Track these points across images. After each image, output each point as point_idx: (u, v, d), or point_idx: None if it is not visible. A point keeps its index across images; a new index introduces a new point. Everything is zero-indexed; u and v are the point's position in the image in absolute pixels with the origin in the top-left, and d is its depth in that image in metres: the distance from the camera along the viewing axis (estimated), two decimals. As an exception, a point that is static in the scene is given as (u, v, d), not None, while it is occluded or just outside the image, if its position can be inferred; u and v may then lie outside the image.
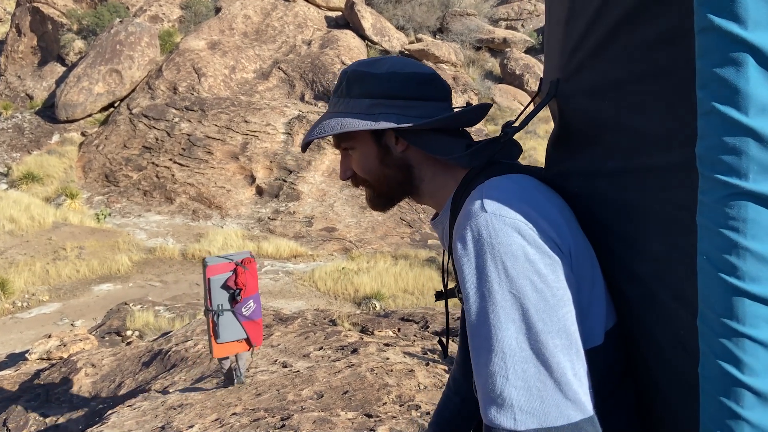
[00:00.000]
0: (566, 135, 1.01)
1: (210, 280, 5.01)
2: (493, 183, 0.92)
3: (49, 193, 18.83)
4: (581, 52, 0.88)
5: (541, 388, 0.78)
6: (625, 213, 0.84)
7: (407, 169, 1.05)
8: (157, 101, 21.90)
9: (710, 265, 0.58)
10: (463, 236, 0.86)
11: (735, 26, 0.53)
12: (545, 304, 0.80)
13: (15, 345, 10.31)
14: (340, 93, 1.06)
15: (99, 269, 14.06)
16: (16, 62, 25.95)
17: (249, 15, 25.46)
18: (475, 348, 0.84)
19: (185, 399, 5.04)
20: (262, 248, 15.71)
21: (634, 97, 0.77)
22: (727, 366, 0.58)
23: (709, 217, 0.58)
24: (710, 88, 0.56)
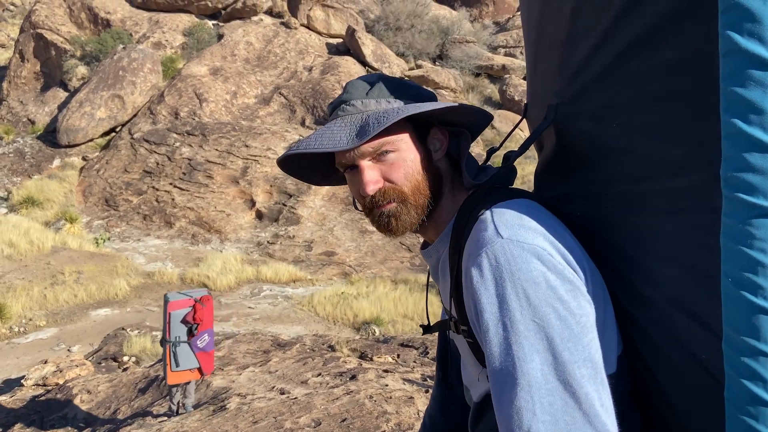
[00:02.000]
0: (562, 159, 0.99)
1: (170, 314, 5.51)
2: (503, 208, 0.88)
3: (48, 218, 18.82)
4: (584, 76, 0.87)
5: (569, 421, 0.74)
6: (634, 236, 0.82)
7: (439, 179, 0.99)
8: (158, 126, 22.04)
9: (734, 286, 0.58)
10: (479, 264, 0.82)
11: (761, 49, 0.53)
12: (570, 333, 0.77)
13: (11, 371, 10.20)
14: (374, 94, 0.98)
15: (97, 294, 13.98)
16: (19, 87, 26.18)
17: (251, 42, 25.77)
18: (497, 381, 0.79)
19: (181, 427, 4.97)
20: (261, 272, 15.65)
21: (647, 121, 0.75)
22: (753, 387, 0.57)
23: (734, 238, 0.57)
24: (735, 109, 0.55)
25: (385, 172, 0.95)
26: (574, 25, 0.88)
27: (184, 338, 5.53)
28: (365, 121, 0.93)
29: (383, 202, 0.95)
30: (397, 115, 0.90)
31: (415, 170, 0.96)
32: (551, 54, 0.98)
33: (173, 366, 5.46)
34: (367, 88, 0.99)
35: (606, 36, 0.79)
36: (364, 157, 0.95)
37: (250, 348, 8.05)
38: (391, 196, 0.95)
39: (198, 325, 5.53)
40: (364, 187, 0.95)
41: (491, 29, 33.64)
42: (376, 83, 1.00)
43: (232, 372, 6.87)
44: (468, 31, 31.04)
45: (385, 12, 29.56)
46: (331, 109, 1.02)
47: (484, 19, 34.80)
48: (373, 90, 0.98)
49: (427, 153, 0.98)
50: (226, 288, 14.79)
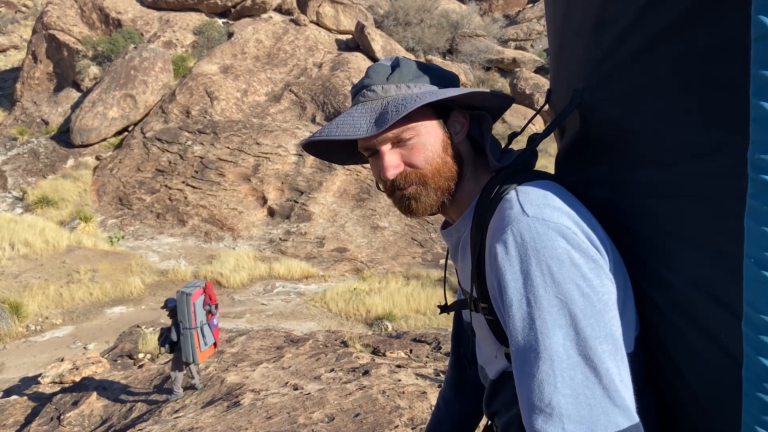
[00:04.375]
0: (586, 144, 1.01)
1: (194, 303, 6.27)
2: (528, 187, 0.89)
3: (63, 217, 19.01)
4: (613, 61, 0.88)
5: (590, 395, 0.76)
6: (657, 220, 0.83)
7: (460, 161, 1.01)
8: (170, 125, 22.16)
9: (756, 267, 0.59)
10: (505, 240, 0.84)
11: None
12: (592, 309, 0.79)
13: (28, 369, 10.33)
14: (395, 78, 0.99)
15: (112, 292, 14.12)
16: (32, 88, 26.43)
17: (261, 39, 25.81)
18: (518, 356, 0.81)
19: (195, 423, 5.01)
20: (273, 269, 15.72)
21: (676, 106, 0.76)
22: None
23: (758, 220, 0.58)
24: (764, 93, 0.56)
25: (406, 157, 0.97)
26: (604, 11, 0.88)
27: (205, 321, 6.38)
28: (384, 108, 0.94)
29: (404, 185, 0.98)
30: (415, 102, 0.91)
31: (436, 154, 0.97)
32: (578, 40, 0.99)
33: (202, 346, 6.26)
34: (388, 72, 1.00)
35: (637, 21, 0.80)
36: (385, 143, 0.97)
37: (263, 344, 8.09)
38: (411, 179, 0.98)
39: (216, 305, 6.49)
40: (385, 171, 0.97)
41: (501, 22, 33.45)
42: (397, 67, 1.00)
43: (245, 368, 6.90)
44: (478, 25, 30.89)
45: (394, 7, 29.49)
46: (354, 93, 1.03)
47: (493, 13, 34.61)
48: (394, 75, 0.99)
49: (447, 136, 1.00)
50: (239, 285, 14.86)
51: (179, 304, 6.30)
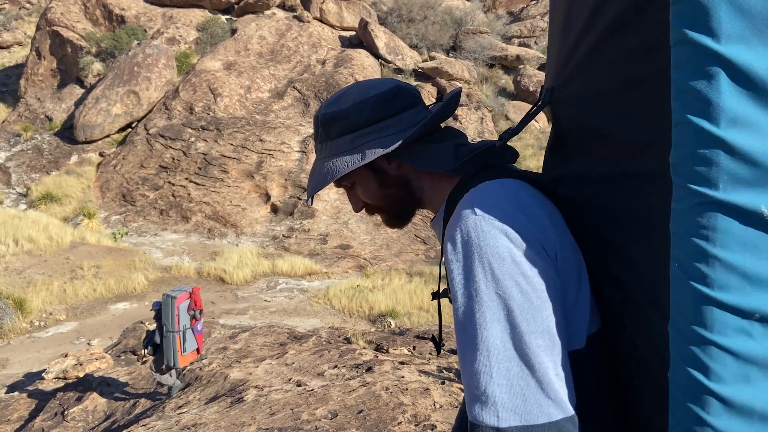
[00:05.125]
0: (560, 142, 1.04)
1: (179, 307, 6.35)
2: (484, 187, 0.95)
3: (67, 213, 19.05)
4: (573, 62, 0.92)
5: (524, 386, 0.80)
6: (609, 218, 0.86)
7: (407, 183, 1.09)
8: (173, 121, 22.17)
9: (682, 272, 0.59)
10: (453, 237, 0.89)
11: (709, 40, 0.54)
12: (530, 305, 0.82)
13: (32, 364, 10.37)
14: (320, 138, 1.10)
15: (115, 288, 14.15)
16: (36, 85, 26.47)
17: (264, 36, 25.80)
18: (461, 346, 0.86)
19: (199, 419, 5.02)
20: (276, 266, 15.73)
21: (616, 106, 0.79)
22: (695, 373, 0.59)
23: (682, 225, 0.59)
24: (684, 99, 0.57)
25: (360, 196, 1.12)
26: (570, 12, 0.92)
27: (189, 325, 6.40)
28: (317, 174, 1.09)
29: (370, 213, 1.15)
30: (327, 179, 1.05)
31: (375, 192, 1.09)
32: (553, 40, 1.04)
33: (183, 351, 6.28)
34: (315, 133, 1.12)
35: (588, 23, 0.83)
36: (341, 188, 1.13)
37: (266, 340, 8.09)
38: (372, 209, 1.13)
39: (201, 310, 6.48)
40: (352, 207, 1.15)
41: (505, 19, 33.36)
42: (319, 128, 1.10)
43: (249, 364, 6.91)
44: (481, 22, 30.81)
45: (397, 4, 29.42)
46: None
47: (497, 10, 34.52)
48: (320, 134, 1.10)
49: (379, 174, 1.09)
50: (242, 281, 14.88)
51: (164, 306, 6.44)
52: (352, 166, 1.03)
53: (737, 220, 0.55)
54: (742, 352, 0.57)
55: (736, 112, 0.54)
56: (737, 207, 0.55)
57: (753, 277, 0.56)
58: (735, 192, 0.55)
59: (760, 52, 0.53)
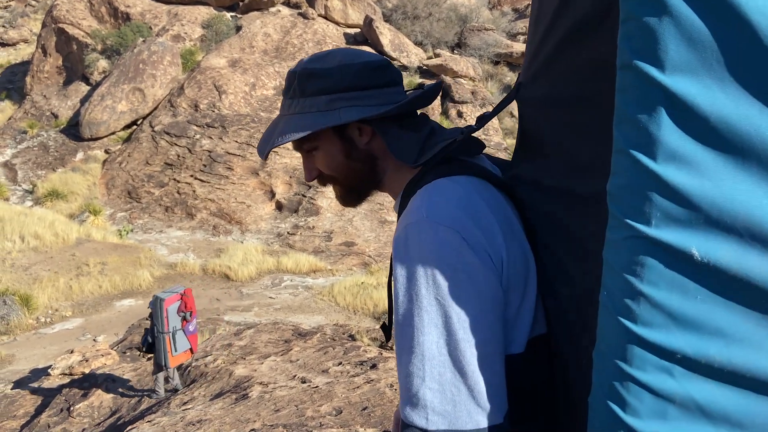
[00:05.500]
0: (522, 140, 1.01)
1: (167, 309, 6.55)
2: (436, 186, 0.91)
3: (72, 210, 19.12)
4: (537, 61, 0.87)
5: (455, 392, 0.80)
6: (555, 231, 0.84)
7: (373, 161, 1.04)
8: (178, 118, 22.21)
9: (609, 303, 0.57)
10: (400, 237, 0.88)
11: (654, 69, 0.50)
12: (468, 313, 0.82)
13: (38, 360, 10.42)
14: (292, 93, 1.03)
15: (121, 285, 14.20)
16: (42, 82, 26.55)
17: (269, 33, 25.80)
18: (398, 345, 0.86)
19: (204, 415, 5.03)
20: (281, 263, 15.75)
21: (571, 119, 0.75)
22: (612, 404, 0.58)
23: (613, 255, 0.57)
24: (624, 127, 0.54)
25: (317, 164, 1.04)
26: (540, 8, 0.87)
27: (179, 326, 6.56)
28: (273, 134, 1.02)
29: (323, 184, 1.08)
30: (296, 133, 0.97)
31: (338, 161, 1.03)
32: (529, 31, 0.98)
33: (173, 351, 6.47)
34: (288, 86, 1.04)
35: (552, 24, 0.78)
36: (299, 151, 1.05)
37: (271, 337, 8.11)
38: (325, 179, 1.06)
39: (190, 313, 6.63)
40: (305, 175, 1.07)
41: (510, 16, 33.26)
42: (294, 81, 1.03)
43: (254, 361, 6.93)
44: (486, 19, 30.73)
45: (402, 1, 29.37)
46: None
47: (502, 6, 34.41)
48: (292, 89, 1.03)
49: (347, 143, 1.02)
50: (247, 278, 14.91)
51: (153, 308, 6.69)
52: (326, 124, 0.97)
53: (666, 259, 0.53)
54: (661, 390, 0.55)
55: (675, 147, 0.51)
56: (667, 246, 0.53)
57: (678, 317, 0.54)
58: (667, 230, 0.52)
59: (707, 87, 0.49)
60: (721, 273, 0.52)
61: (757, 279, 0.51)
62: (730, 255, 0.51)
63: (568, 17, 0.71)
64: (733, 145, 0.49)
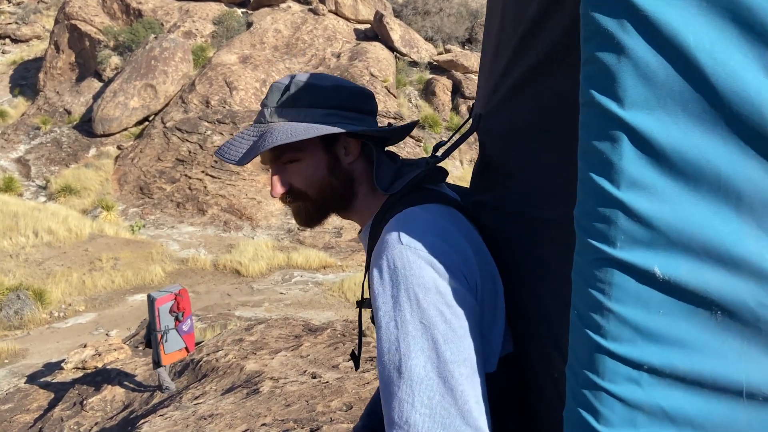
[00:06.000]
0: (483, 168, 1.05)
1: (159, 309, 6.70)
2: (409, 214, 0.94)
3: (85, 206, 19.28)
4: (499, 93, 0.91)
5: (445, 415, 0.81)
6: (521, 254, 0.88)
7: (350, 182, 1.06)
8: (190, 115, 22.31)
9: (579, 321, 0.62)
10: (380, 266, 0.88)
11: (614, 105, 0.55)
12: (453, 335, 0.83)
13: (52, 354, 10.53)
14: (284, 103, 1.03)
15: (133, 280, 14.31)
16: (55, 78, 26.75)
17: (279, 29, 25.84)
18: (383, 373, 0.86)
19: (215, 409, 5.07)
20: (291, 259, 15.81)
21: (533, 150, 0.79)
22: (586, 415, 0.62)
23: (581, 276, 0.61)
24: (588, 158, 0.58)
25: (289, 178, 1.03)
26: (499, 40, 0.91)
27: (172, 326, 6.71)
28: (260, 138, 1.00)
29: (288, 201, 1.05)
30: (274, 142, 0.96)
31: (318, 176, 1.03)
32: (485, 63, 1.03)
33: (166, 349, 6.63)
34: (278, 97, 1.04)
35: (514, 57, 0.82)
36: (271, 164, 1.03)
37: (281, 333, 8.15)
38: (294, 196, 1.05)
39: (182, 313, 6.76)
40: (271, 190, 1.05)
41: (521, 11, 33.11)
42: (287, 91, 1.04)
43: (264, 356, 6.97)
44: (498, 14, 30.57)
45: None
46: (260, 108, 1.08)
47: (514, 2, 34.25)
48: (282, 99, 1.03)
49: (333, 159, 1.04)
50: (257, 274, 14.98)
51: (148, 306, 6.84)
52: (327, 131, 0.98)
53: (631, 278, 0.57)
54: (631, 399, 0.60)
55: (635, 175, 0.55)
56: (632, 265, 0.57)
57: (644, 331, 0.58)
58: (631, 251, 0.57)
59: (662, 120, 0.54)
60: (680, 288, 0.57)
61: (712, 292, 0.56)
62: (688, 272, 0.56)
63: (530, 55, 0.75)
64: (686, 173, 0.55)
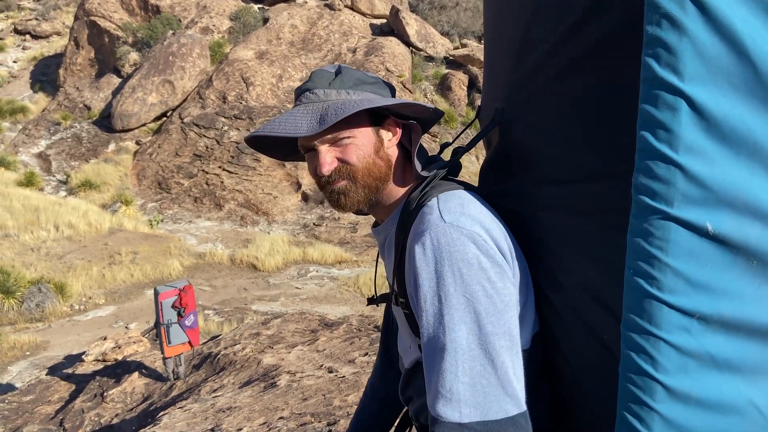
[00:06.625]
0: (503, 158, 1.12)
1: (162, 302, 6.93)
2: (449, 195, 1.00)
3: (105, 200, 19.52)
4: (529, 86, 0.98)
5: (486, 384, 0.85)
6: (556, 231, 0.95)
7: (389, 165, 1.10)
8: (207, 110, 22.46)
9: (636, 278, 0.69)
10: (423, 243, 0.93)
11: (675, 78, 0.63)
12: (494, 308, 0.88)
13: (72, 347, 10.70)
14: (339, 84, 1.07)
15: (152, 273, 14.47)
16: (75, 74, 27.06)
17: (296, 24, 25.88)
18: (428, 347, 0.90)
19: (234, 402, 5.14)
20: (307, 254, 15.88)
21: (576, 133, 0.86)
22: (645, 365, 0.69)
23: (638, 236, 0.68)
24: (649, 127, 0.66)
25: (340, 154, 1.06)
26: (527, 38, 0.98)
27: (175, 320, 6.93)
28: (325, 111, 1.02)
29: (336, 179, 1.07)
30: (354, 107, 1.00)
31: (368, 154, 1.06)
32: (503, 61, 1.11)
33: (168, 342, 6.83)
34: (331, 78, 1.08)
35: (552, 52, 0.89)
36: (324, 143, 1.06)
37: (298, 327, 8.21)
38: (343, 174, 1.06)
39: (184, 309, 6.95)
40: (321, 167, 1.06)
41: (539, 6, 32.83)
42: (339, 74, 1.09)
43: (281, 350, 7.03)
44: (515, 9, 30.34)
45: (429, -9, 29.17)
46: (296, 94, 1.11)
47: (531, -4, 33.96)
48: (335, 81, 1.08)
49: (379, 141, 1.09)
50: (273, 268, 15.07)
51: (154, 299, 7.09)
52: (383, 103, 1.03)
53: (686, 234, 0.65)
54: (684, 346, 0.67)
55: (691, 141, 0.63)
56: (687, 222, 0.65)
57: (695, 282, 0.66)
58: (686, 209, 0.65)
59: (712, 92, 0.62)
60: (726, 241, 0.65)
61: (750, 243, 0.65)
62: (731, 226, 0.65)
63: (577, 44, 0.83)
64: (731, 139, 0.63)
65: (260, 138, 1.14)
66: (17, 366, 9.97)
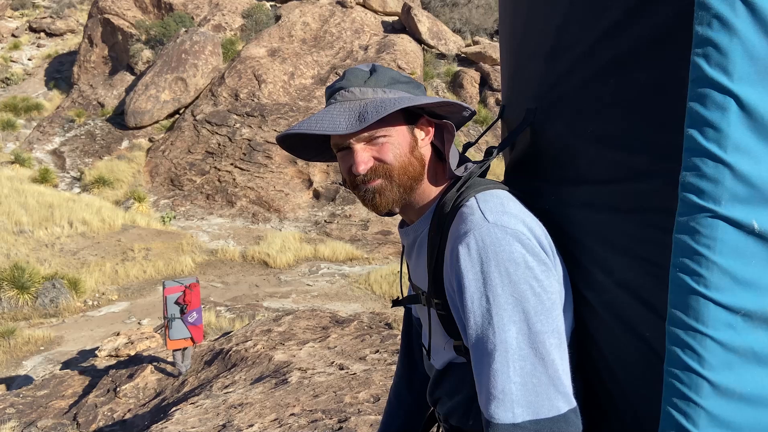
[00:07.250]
0: (536, 158, 1.12)
1: (166, 297, 7.21)
2: (488, 195, 0.99)
3: (118, 197, 19.67)
4: (564, 86, 0.98)
5: (537, 383, 0.85)
6: (595, 230, 0.94)
7: (423, 165, 1.09)
8: (219, 108, 22.56)
9: (682, 276, 0.69)
10: (468, 244, 0.92)
11: (725, 78, 0.64)
12: (543, 307, 0.88)
13: (86, 342, 10.80)
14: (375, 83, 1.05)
15: (164, 270, 14.56)
16: (89, 72, 27.27)
17: (307, 22, 25.91)
18: (477, 348, 0.90)
19: (245, 398, 5.16)
20: (318, 251, 15.91)
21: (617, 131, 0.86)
22: (689, 361, 0.70)
23: (686, 235, 0.69)
24: (698, 127, 0.66)
25: (376, 153, 1.04)
26: (559, 40, 0.99)
27: (178, 315, 7.15)
28: (363, 109, 1.00)
29: (372, 178, 1.04)
30: (394, 106, 0.98)
31: (403, 153, 1.05)
32: (533, 63, 1.11)
33: (171, 336, 7.11)
34: (366, 76, 1.07)
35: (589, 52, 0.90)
36: (360, 141, 1.03)
37: (309, 324, 8.23)
38: (379, 173, 1.04)
39: (187, 305, 7.16)
40: (356, 166, 1.03)
41: (552, 2, 32.64)
42: (374, 72, 1.08)
43: (292, 347, 7.05)
44: (527, 5, 30.20)
45: (441, -12, 29.09)
46: (329, 93, 1.08)
47: (544, -7, 33.79)
48: (371, 79, 1.06)
49: (414, 140, 1.07)
50: (285, 265, 15.12)
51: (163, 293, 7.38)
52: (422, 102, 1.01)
53: (733, 231, 0.66)
54: (729, 343, 0.68)
55: (739, 140, 0.64)
56: (734, 221, 0.66)
57: (740, 279, 0.67)
58: (734, 208, 0.66)
59: (760, 92, 0.63)
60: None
61: None
62: None
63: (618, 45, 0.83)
64: None
65: (292, 136, 1.10)
66: (32, 361, 10.08)
